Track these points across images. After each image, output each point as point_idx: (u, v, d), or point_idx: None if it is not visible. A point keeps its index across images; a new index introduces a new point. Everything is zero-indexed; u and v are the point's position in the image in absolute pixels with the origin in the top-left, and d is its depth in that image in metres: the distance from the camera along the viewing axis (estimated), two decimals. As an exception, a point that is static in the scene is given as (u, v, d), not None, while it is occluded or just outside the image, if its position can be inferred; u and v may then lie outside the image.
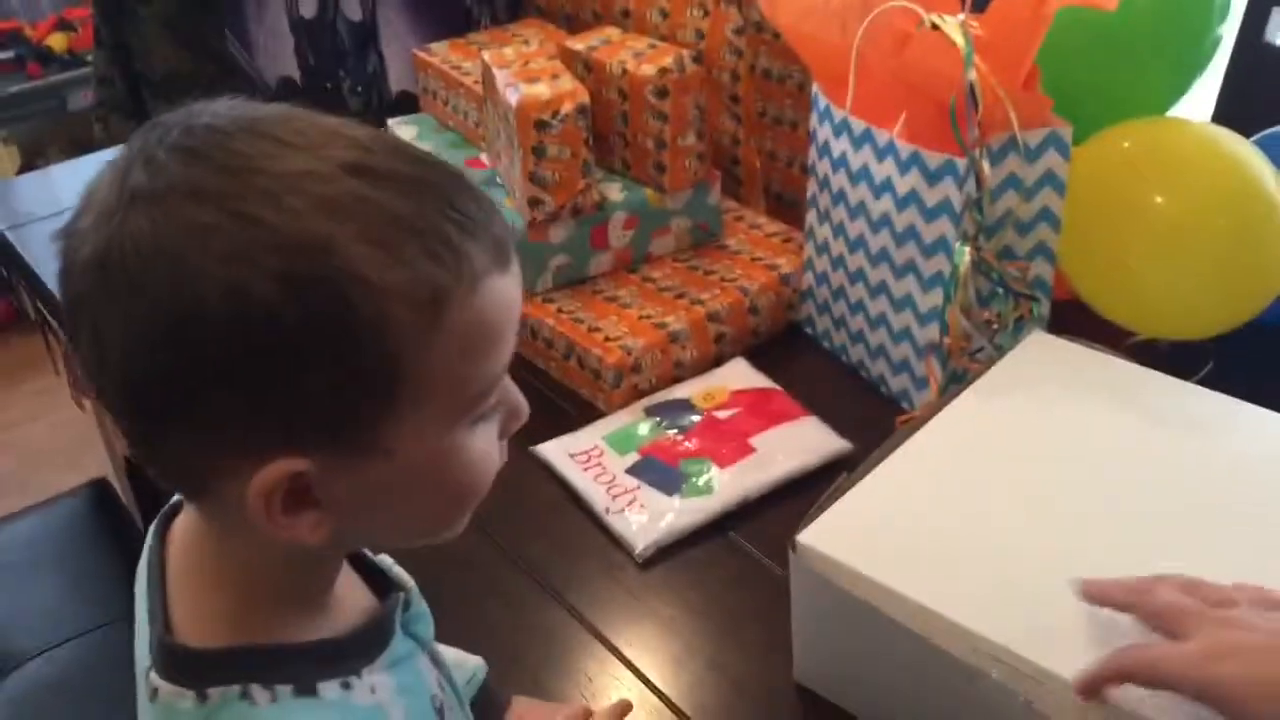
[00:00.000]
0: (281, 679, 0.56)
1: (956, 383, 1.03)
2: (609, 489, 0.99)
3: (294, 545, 0.54)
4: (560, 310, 1.14)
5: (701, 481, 0.99)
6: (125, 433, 0.54)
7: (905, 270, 1.02)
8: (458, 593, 0.92)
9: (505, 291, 0.53)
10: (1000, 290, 1.00)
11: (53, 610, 1.33)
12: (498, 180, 1.22)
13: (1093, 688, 0.65)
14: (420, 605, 0.68)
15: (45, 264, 1.42)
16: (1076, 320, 1.04)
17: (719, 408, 1.06)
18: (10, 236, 1.47)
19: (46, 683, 1.22)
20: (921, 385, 1.04)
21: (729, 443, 1.02)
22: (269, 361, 0.48)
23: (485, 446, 0.57)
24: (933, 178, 0.96)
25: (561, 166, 1.11)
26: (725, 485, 0.98)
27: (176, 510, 0.62)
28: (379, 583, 0.67)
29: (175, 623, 0.58)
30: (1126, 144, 1.04)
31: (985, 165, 0.93)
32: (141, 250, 0.47)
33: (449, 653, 0.74)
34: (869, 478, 0.80)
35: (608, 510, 0.97)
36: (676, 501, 0.97)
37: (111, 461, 1.73)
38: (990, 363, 0.91)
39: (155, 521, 0.63)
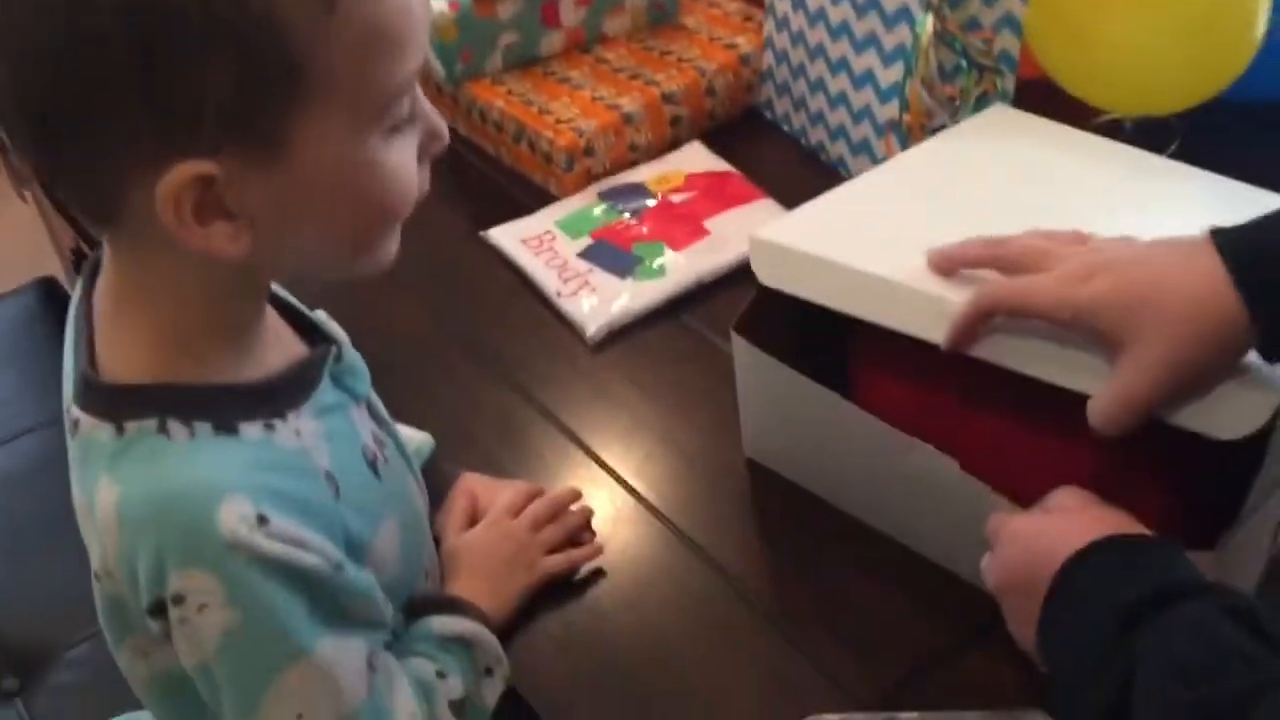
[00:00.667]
0: (200, 415, 0.56)
1: (916, 163, 1.00)
2: (560, 273, 0.97)
3: (216, 266, 0.54)
4: (510, 92, 1.10)
5: (654, 264, 0.97)
6: (33, 164, 0.53)
7: (866, 43, 0.98)
8: (408, 375, 0.92)
9: None
10: (964, 64, 0.97)
11: (6, 403, 1.32)
12: (443, -46, 1.16)
13: (966, 327, 0.64)
14: (352, 358, 0.67)
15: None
16: (1042, 98, 1.01)
17: (674, 191, 1.04)
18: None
19: (5, 474, 1.22)
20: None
21: (683, 226, 1.00)
22: (165, 55, 0.48)
23: (401, 160, 0.56)
24: (896, -58, 0.91)
25: (507, -65, 1.05)
26: (678, 268, 0.97)
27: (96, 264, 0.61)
28: (310, 337, 0.66)
29: (100, 361, 0.58)
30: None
31: (951, -73, 0.89)
32: None
33: (399, 429, 0.74)
34: (817, 200, 0.79)
35: (559, 294, 0.96)
36: (629, 284, 0.96)
37: (60, 260, 1.70)
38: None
39: (84, 268, 0.62)
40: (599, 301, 0.95)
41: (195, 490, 0.54)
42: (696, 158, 1.08)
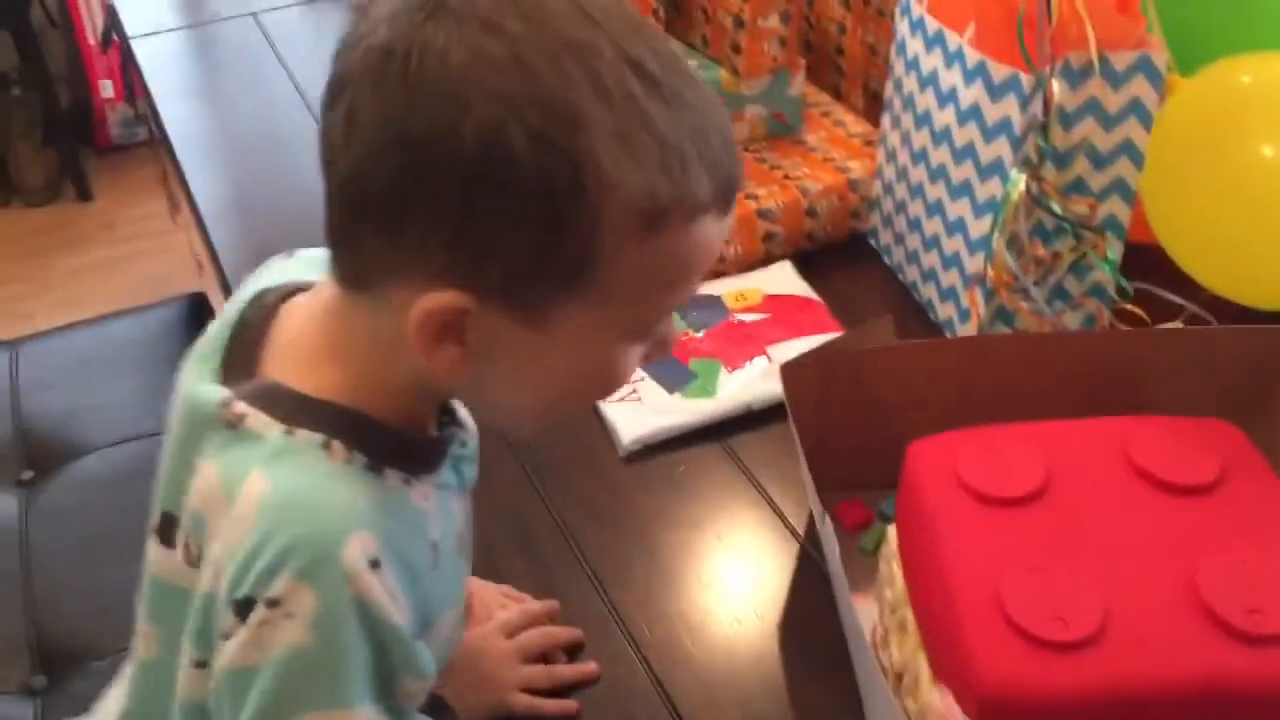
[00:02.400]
0: (360, 447, 0.58)
1: (1004, 322, 0.95)
2: (612, 377, 0.96)
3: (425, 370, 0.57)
4: (611, 187, 1.10)
5: (706, 383, 0.95)
6: (327, 212, 0.56)
7: (961, 191, 0.93)
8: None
9: (716, 234, 0.55)
10: (1066, 226, 0.91)
11: (124, 407, 1.40)
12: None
13: None
14: (473, 448, 0.69)
15: (161, 77, 1.46)
16: (1152, 265, 0.94)
17: (748, 310, 1.02)
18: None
19: (98, 479, 1.29)
20: (965, 317, 0.97)
21: (745, 347, 0.98)
22: (489, 201, 0.51)
23: (629, 362, 0.59)
24: (996, 93, 0.87)
25: (626, 36, 1.06)
26: (729, 390, 0.94)
27: (289, 292, 0.64)
28: (440, 417, 0.67)
29: (270, 372, 0.60)
30: (1245, 79, 0.91)
31: (1055, 85, 0.84)
32: (428, 58, 0.50)
33: None
34: None
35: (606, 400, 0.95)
36: (675, 400, 0.94)
37: (216, 278, 1.79)
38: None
39: (254, 293, 0.64)
40: (641, 413, 0.93)
41: (335, 512, 0.56)
42: (781, 279, 1.05)
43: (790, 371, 0.79)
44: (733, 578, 0.83)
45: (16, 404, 1.40)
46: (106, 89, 2.73)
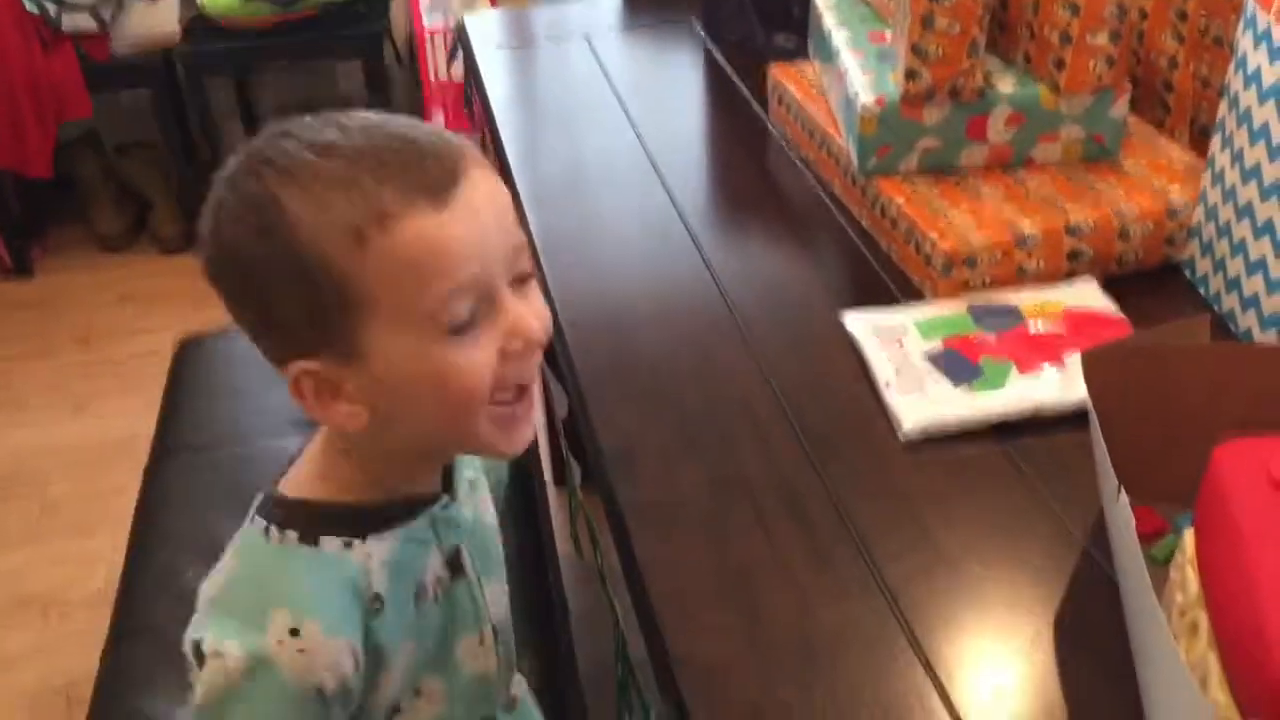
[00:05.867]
0: (295, 526, 0.71)
1: (1332, 352, 0.88)
2: (899, 367, 0.96)
3: (353, 434, 0.70)
4: (915, 192, 1.10)
5: (994, 380, 0.93)
6: None
7: (1296, 208, 0.88)
8: (718, 421, 0.94)
9: (430, 228, 0.64)
10: None
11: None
12: (891, 57, 1.19)
13: None
14: (458, 514, 0.79)
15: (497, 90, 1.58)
16: None
17: (1046, 319, 0.99)
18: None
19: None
20: (1287, 346, 0.91)
21: (1040, 352, 0.95)
22: (263, 287, 0.66)
23: (463, 361, 0.67)
24: (1348, 99, 0.82)
25: (947, 42, 1.06)
26: (1019, 391, 0.92)
27: None
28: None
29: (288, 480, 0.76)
30: None
31: None
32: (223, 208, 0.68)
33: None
34: None
35: (888, 384, 0.94)
36: (961, 394, 0.92)
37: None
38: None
39: None
40: (926, 402, 0.92)
41: (260, 588, 0.70)
42: (1084, 295, 1.02)
43: (1093, 359, 0.77)
44: (1008, 566, 0.80)
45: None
46: (437, 119, 2.97)
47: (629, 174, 1.31)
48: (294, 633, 0.68)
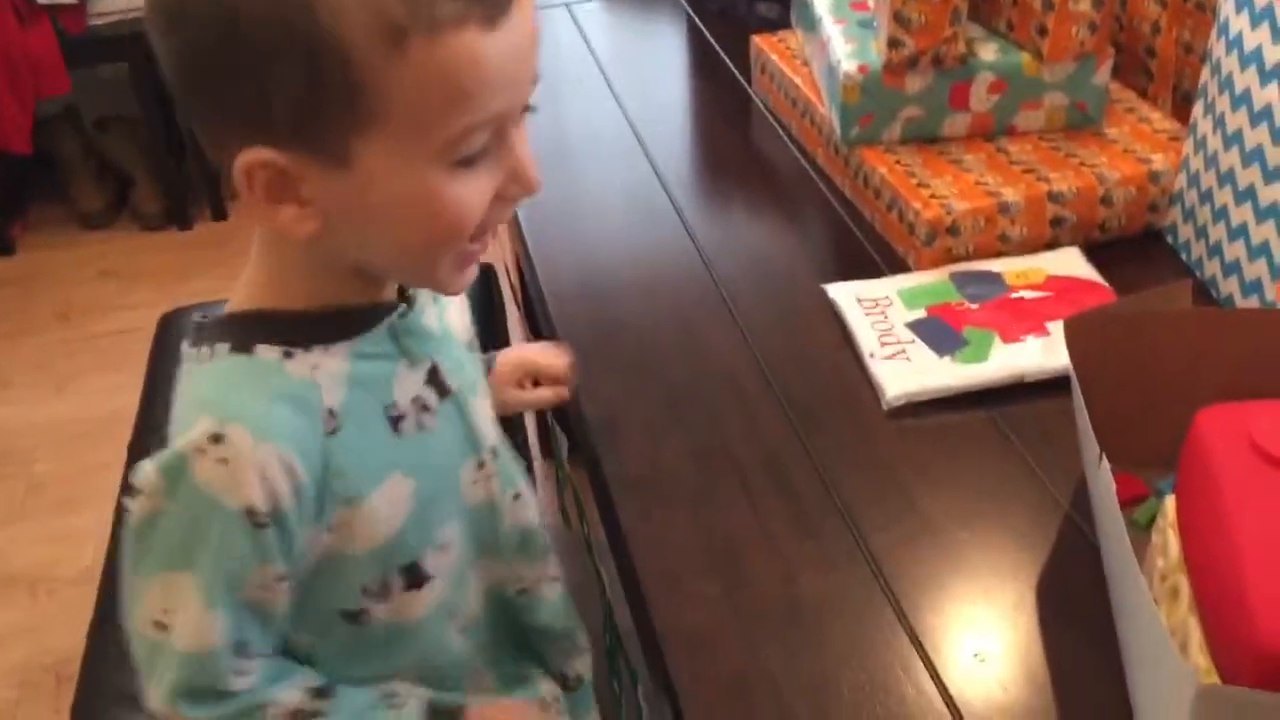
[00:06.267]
0: (226, 338, 0.65)
1: (1312, 317, 0.89)
2: (882, 336, 0.96)
3: (291, 240, 0.62)
4: (898, 162, 1.10)
5: (978, 350, 0.93)
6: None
7: (1276, 174, 0.88)
8: (702, 391, 0.94)
9: (479, 48, 0.57)
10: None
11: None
12: (874, 25, 1.19)
13: None
14: (421, 322, 0.71)
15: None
16: None
17: (1029, 288, 0.99)
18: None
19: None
20: (1268, 311, 0.91)
21: (1023, 320, 0.95)
22: (247, 55, 0.56)
23: (462, 193, 0.61)
24: (1329, 64, 0.82)
25: (930, 9, 1.06)
26: (1002, 359, 0.92)
27: None
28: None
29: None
30: None
31: (1399, 57, 0.79)
32: None
33: None
34: None
35: (873, 355, 0.95)
36: (945, 362, 0.93)
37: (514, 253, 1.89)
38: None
39: None
40: (909, 371, 0.92)
41: (187, 407, 0.64)
42: (1067, 262, 1.02)
43: (1074, 326, 0.77)
44: (992, 532, 0.81)
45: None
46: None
47: (612, 145, 1.31)
48: (216, 439, 0.61)
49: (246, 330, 0.65)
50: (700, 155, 1.31)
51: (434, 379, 0.71)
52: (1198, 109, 1.01)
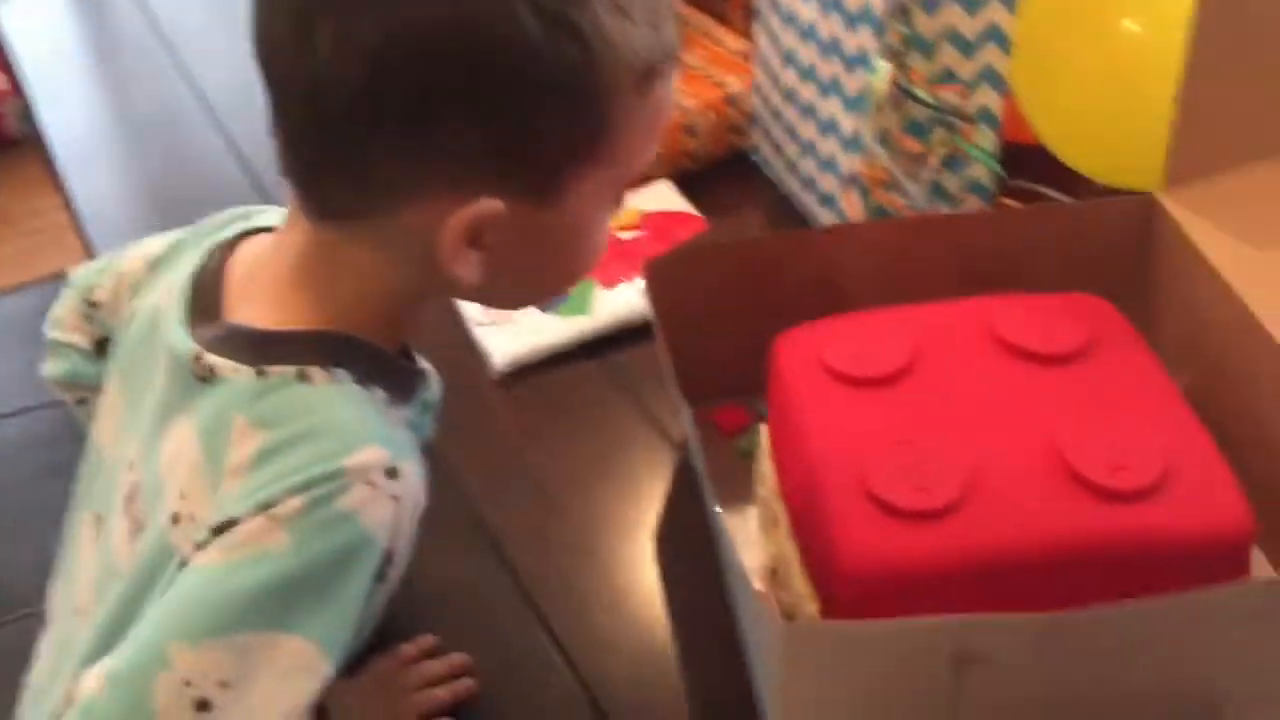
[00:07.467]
0: (341, 364, 0.55)
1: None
2: (485, 301, 0.93)
3: (431, 279, 0.56)
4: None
5: (580, 302, 0.92)
6: (309, 140, 0.54)
7: (830, 89, 0.91)
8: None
9: (672, 85, 0.58)
10: (938, 117, 0.89)
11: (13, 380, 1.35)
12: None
13: None
14: (437, 398, 0.66)
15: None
16: (1038, 166, 0.92)
17: (624, 228, 0.99)
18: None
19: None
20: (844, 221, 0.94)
21: (621, 264, 0.95)
22: (513, 94, 0.51)
23: (608, 228, 0.61)
24: (854, -22, 0.84)
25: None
26: (604, 307, 0.92)
27: (235, 240, 0.62)
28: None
29: (231, 317, 0.57)
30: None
31: (912, -34, 0.82)
32: None
33: None
34: None
35: (479, 324, 0.92)
36: (549, 319, 0.91)
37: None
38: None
39: (214, 247, 0.62)
40: (515, 334, 0.90)
41: (336, 431, 0.53)
42: (659, 197, 1.03)
43: (653, 270, 0.77)
44: (611, 491, 0.81)
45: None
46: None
47: (188, 130, 1.21)
48: (391, 474, 0.52)
49: (348, 359, 0.56)
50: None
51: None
52: (757, 29, 1.03)
